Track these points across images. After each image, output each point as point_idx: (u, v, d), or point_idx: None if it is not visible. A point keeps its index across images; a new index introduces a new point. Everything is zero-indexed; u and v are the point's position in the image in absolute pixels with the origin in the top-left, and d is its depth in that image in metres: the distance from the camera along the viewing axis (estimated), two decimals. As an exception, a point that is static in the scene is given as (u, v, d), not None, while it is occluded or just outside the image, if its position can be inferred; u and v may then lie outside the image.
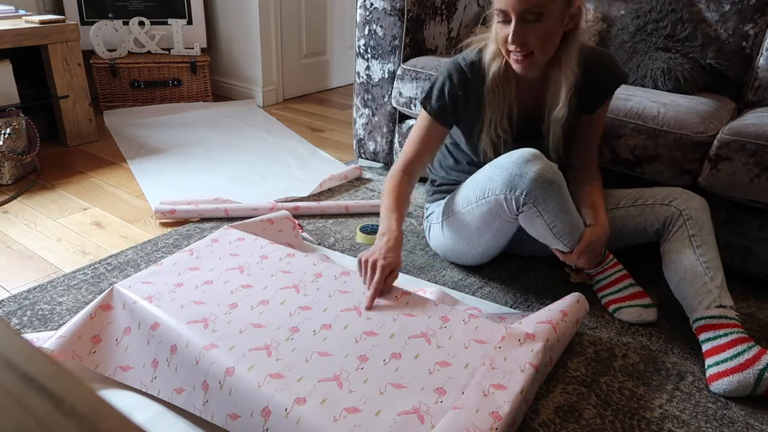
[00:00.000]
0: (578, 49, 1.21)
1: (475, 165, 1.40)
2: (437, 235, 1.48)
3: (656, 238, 1.32)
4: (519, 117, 1.30)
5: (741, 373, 1.08)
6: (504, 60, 1.22)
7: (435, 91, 1.32)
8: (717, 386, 1.10)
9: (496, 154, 1.30)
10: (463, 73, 1.28)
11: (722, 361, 1.11)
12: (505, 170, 1.21)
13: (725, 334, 1.13)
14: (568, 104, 1.23)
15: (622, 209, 1.36)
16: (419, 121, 1.37)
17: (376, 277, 1.10)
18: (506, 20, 1.13)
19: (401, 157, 1.38)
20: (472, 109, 1.31)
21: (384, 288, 1.12)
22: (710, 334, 1.15)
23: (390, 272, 1.13)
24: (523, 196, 1.18)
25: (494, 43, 1.22)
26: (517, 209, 1.22)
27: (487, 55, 1.24)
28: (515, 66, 1.18)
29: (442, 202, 1.47)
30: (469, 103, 1.30)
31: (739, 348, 1.10)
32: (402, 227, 1.24)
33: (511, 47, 1.15)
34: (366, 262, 1.14)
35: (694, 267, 1.21)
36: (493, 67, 1.23)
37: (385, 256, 1.13)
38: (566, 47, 1.19)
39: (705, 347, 1.16)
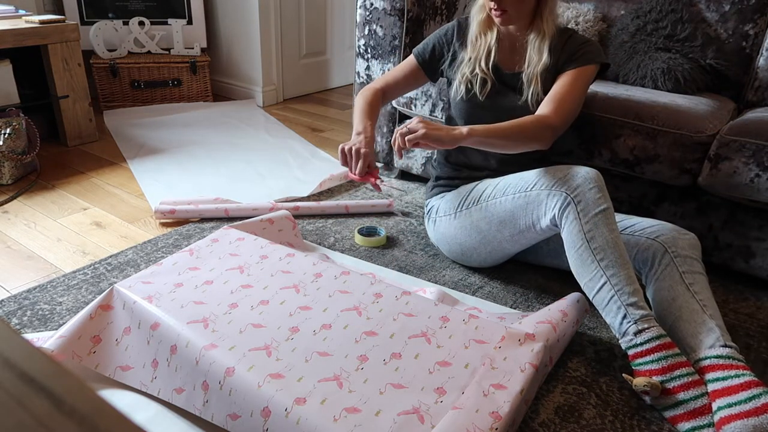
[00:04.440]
0: (556, 16, 1.34)
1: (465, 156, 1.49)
2: (445, 228, 1.46)
3: (635, 271, 1.26)
4: (500, 66, 1.41)
5: (757, 418, 0.94)
6: (487, 10, 1.37)
7: (425, 40, 1.53)
8: (728, 430, 0.95)
9: (468, 94, 1.41)
10: (458, 23, 1.48)
11: (735, 404, 0.97)
12: (558, 170, 1.23)
13: (737, 375, 1.00)
14: (548, 59, 1.33)
15: None
16: (407, 60, 1.55)
17: (360, 163, 1.30)
18: None
19: (380, 78, 1.54)
20: (459, 53, 1.46)
21: (363, 173, 1.33)
22: (719, 374, 1.02)
23: (367, 161, 1.32)
24: (570, 194, 1.18)
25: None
26: (560, 208, 1.19)
27: (474, 11, 1.41)
28: (496, 20, 1.33)
29: (447, 195, 1.48)
30: (460, 49, 1.46)
31: (754, 391, 0.97)
32: (374, 132, 1.41)
33: (490, 4, 1.31)
34: (349, 150, 1.31)
35: (690, 304, 1.12)
36: (477, 17, 1.40)
37: (364, 147, 1.31)
38: (542, 9, 1.32)
39: (712, 387, 1.01)
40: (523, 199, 1.26)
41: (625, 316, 1.08)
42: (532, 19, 1.34)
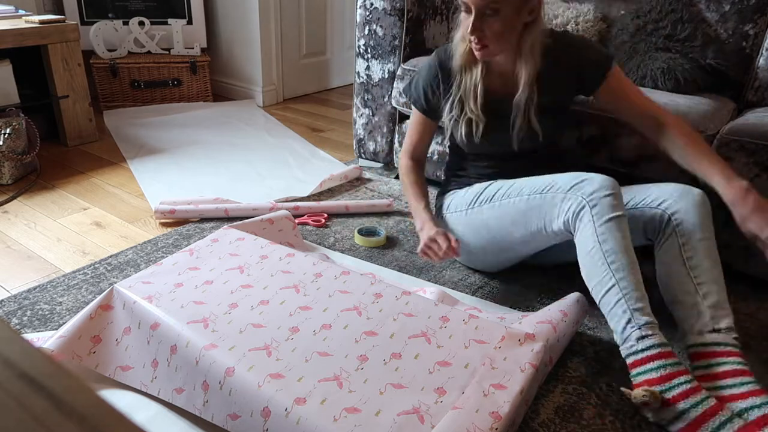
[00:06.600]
0: (542, 39, 1.27)
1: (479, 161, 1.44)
2: (455, 225, 1.43)
3: (647, 241, 1.27)
4: (492, 98, 1.35)
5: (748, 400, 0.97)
6: (467, 42, 1.31)
7: (413, 85, 1.47)
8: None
9: (462, 136, 1.37)
10: (440, 62, 1.40)
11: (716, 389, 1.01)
12: (574, 175, 1.22)
13: (717, 364, 1.03)
14: (531, 90, 1.29)
15: None
16: (412, 112, 1.50)
17: (444, 243, 1.27)
18: (468, 11, 1.23)
19: (404, 147, 1.53)
20: (448, 92, 1.40)
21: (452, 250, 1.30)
22: (702, 362, 1.05)
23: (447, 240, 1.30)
24: (585, 198, 1.16)
25: (460, 30, 1.31)
26: (575, 212, 1.17)
27: (455, 40, 1.34)
28: (476, 53, 1.28)
29: (459, 192, 1.45)
30: (447, 87, 1.39)
31: (738, 380, 0.99)
32: (429, 209, 1.41)
33: (470, 38, 1.25)
34: (427, 242, 1.30)
35: (685, 285, 1.13)
36: (459, 47, 1.33)
37: (436, 231, 1.31)
38: (526, 38, 1.26)
39: (696, 374, 1.06)
40: (538, 201, 1.25)
41: (629, 321, 1.07)
42: (519, 48, 1.27)
